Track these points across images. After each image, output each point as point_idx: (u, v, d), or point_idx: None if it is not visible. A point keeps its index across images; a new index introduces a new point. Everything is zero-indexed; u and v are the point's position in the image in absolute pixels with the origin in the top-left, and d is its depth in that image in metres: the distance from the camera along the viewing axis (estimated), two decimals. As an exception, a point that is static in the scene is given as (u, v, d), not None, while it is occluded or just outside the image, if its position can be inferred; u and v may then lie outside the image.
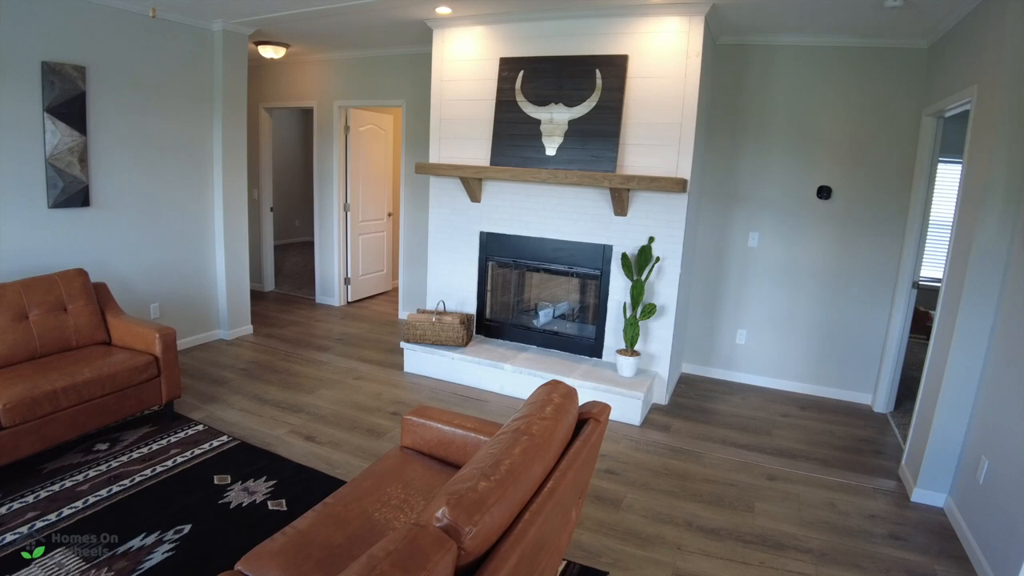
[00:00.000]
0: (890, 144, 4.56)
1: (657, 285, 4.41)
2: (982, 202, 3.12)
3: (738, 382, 5.20)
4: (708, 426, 4.29)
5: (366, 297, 7.35)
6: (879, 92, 4.54)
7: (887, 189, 4.61)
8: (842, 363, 4.94)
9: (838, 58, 4.59)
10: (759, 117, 4.82)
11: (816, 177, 4.76)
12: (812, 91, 4.68)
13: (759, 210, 4.92)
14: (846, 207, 4.72)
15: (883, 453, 4.08)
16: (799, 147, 4.76)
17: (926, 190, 4.44)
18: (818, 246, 4.83)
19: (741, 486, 3.51)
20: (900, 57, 4.47)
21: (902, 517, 3.31)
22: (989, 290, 3.16)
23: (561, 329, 4.96)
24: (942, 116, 4.19)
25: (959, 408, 3.30)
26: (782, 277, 4.96)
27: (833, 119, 4.66)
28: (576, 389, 2.26)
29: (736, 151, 4.92)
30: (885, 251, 4.69)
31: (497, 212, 4.82)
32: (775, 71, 4.74)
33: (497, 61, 4.64)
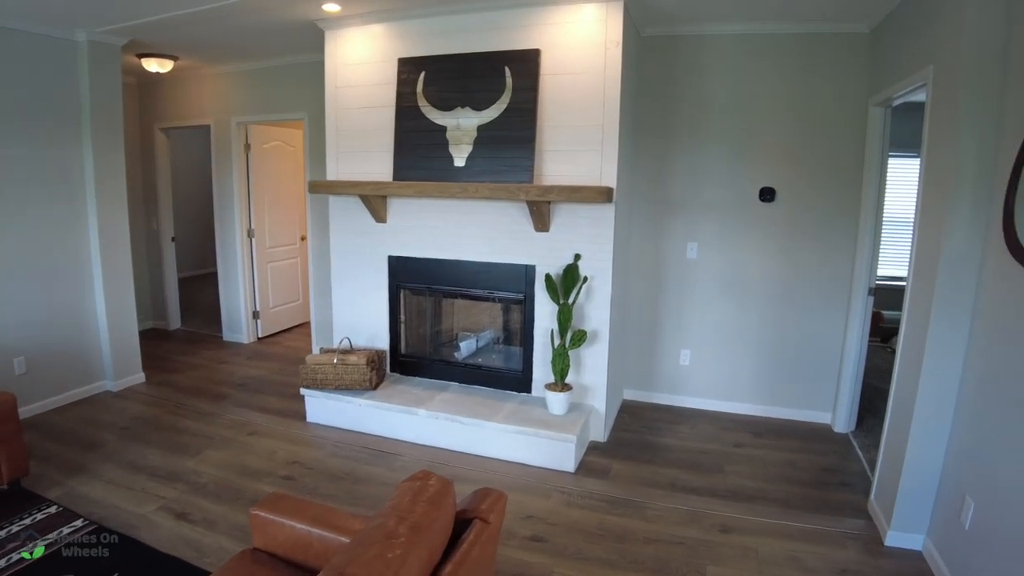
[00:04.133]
0: (836, 138, 4.16)
1: (587, 308, 3.89)
2: (948, 200, 2.70)
3: (685, 407, 4.71)
4: (653, 466, 3.76)
5: (280, 331, 6.65)
6: (821, 82, 4.14)
7: (835, 187, 4.21)
8: (797, 380, 4.50)
9: (775, 47, 4.17)
10: (692, 116, 4.37)
11: (757, 178, 4.32)
12: (749, 84, 4.25)
13: (697, 218, 4.46)
14: (792, 209, 4.31)
15: (849, 484, 3.61)
16: (737, 146, 4.32)
17: (878, 186, 4.05)
18: (763, 253, 4.40)
19: (690, 544, 2.98)
20: (841, 44, 4.07)
21: (878, 570, 2.83)
22: (962, 300, 2.73)
23: (485, 362, 4.39)
24: (890, 105, 3.81)
25: (934, 437, 2.86)
26: (726, 290, 4.50)
27: (773, 114, 4.24)
28: (451, 483, 1.69)
29: (669, 154, 4.45)
30: (837, 254, 4.27)
31: (406, 233, 4.23)
32: (707, 64, 4.29)
33: (396, 63, 4.08)
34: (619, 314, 4.24)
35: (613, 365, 4.11)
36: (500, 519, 1.80)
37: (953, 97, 2.72)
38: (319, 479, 3.55)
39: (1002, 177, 2.51)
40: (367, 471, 3.65)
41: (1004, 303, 2.50)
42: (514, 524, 3.08)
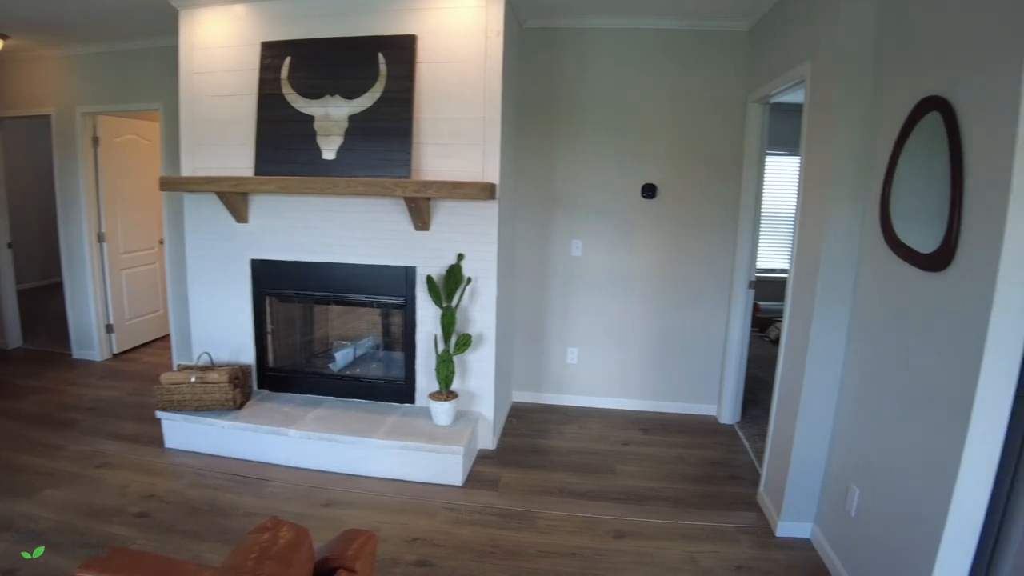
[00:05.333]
0: (716, 135, 4.19)
1: (472, 310, 3.68)
2: (828, 194, 2.72)
3: (574, 406, 4.63)
4: (544, 472, 3.61)
5: (138, 346, 6.00)
6: (702, 79, 4.15)
7: (716, 183, 4.24)
8: (683, 373, 4.52)
9: (657, 43, 4.13)
10: (576, 110, 4.26)
11: (640, 175, 4.29)
12: (631, 80, 4.19)
13: (582, 215, 4.37)
14: (674, 205, 4.30)
15: (738, 477, 3.63)
16: (621, 143, 4.26)
17: (756, 182, 4.12)
18: (647, 250, 4.38)
19: (586, 555, 2.84)
20: (722, 41, 4.10)
21: (771, 562, 2.83)
22: (842, 292, 2.76)
23: (364, 373, 4.08)
24: (768, 102, 3.86)
25: (819, 427, 2.89)
26: (612, 286, 4.45)
27: (655, 110, 4.21)
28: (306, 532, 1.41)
29: (553, 150, 4.32)
30: (718, 249, 4.32)
31: (271, 234, 3.85)
32: (590, 58, 4.20)
33: (259, 47, 3.69)
34: (506, 315, 4.08)
35: (501, 369, 3.94)
36: (370, 565, 1.54)
37: (830, 93, 2.75)
38: (177, 514, 3.13)
39: (879, 171, 2.53)
40: (232, 501, 3.25)
41: (882, 293, 2.52)
42: (398, 549, 2.84)
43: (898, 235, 2.36)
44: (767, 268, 6.64)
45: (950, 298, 2.07)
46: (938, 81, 2.19)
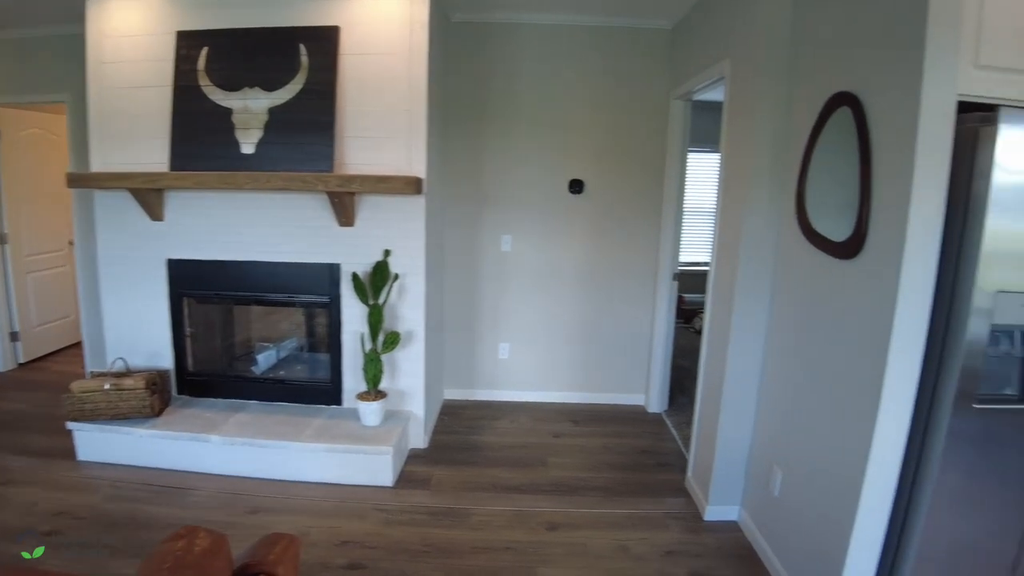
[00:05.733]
0: (641, 131, 4.28)
1: (400, 308, 3.62)
2: (747, 188, 2.81)
3: (507, 401, 4.63)
4: (476, 469, 3.60)
5: (48, 354, 5.66)
6: (627, 76, 4.22)
7: (641, 178, 4.34)
8: (612, 365, 4.61)
9: (584, 39, 4.18)
10: (504, 105, 4.26)
11: (568, 170, 4.33)
12: (559, 75, 4.22)
13: (511, 210, 4.38)
14: (600, 200, 4.38)
15: (666, 464, 3.72)
16: (549, 138, 4.29)
17: (679, 177, 4.24)
18: (575, 244, 4.43)
19: (519, 548, 2.85)
20: (646, 38, 4.18)
21: (700, 546, 2.91)
22: (761, 281, 2.85)
23: (289, 375, 3.95)
24: (690, 99, 3.95)
25: (743, 412, 2.99)
26: (541, 281, 4.48)
27: (582, 106, 4.25)
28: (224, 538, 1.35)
29: (482, 144, 4.31)
30: (643, 243, 4.43)
31: (189, 232, 3.68)
32: (518, 53, 4.20)
33: (174, 36, 3.52)
34: (435, 312, 4.05)
35: (431, 367, 3.90)
36: (294, 569, 1.47)
37: (748, 90, 2.83)
38: (92, 529, 2.95)
39: (795, 165, 2.62)
40: (152, 513, 3.10)
41: (799, 282, 2.62)
42: (329, 553, 2.77)
43: (813, 225, 2.44)
44: (691, 261, 6.85)
45: (861, 284, 2.16)
46: (848, 77, 2.28)
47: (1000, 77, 2.01)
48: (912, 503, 2.13)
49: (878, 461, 2.07)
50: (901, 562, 2.17)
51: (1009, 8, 1.94)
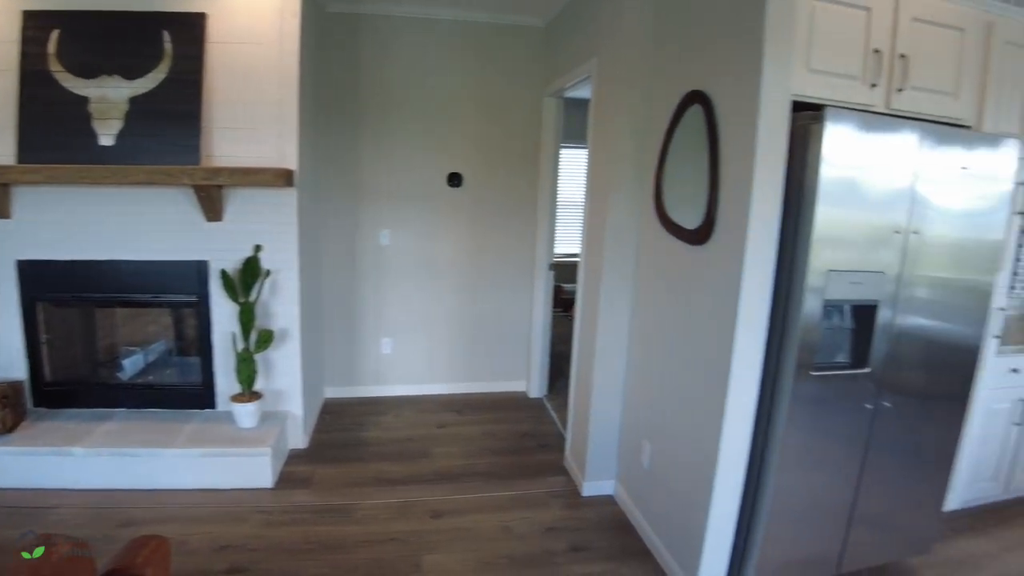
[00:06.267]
0: (516, 126, 4.42)
1: (273, 305, 3.52)
2: (612, 179, 2.98)
3: (391, 396, 4.63)
4: (359, 464, 3.58)
5: None
6: (503, 72, 4.33)
7: (517, 172, 4.48)
8: (493, 354, 4.73)
9: (460, 34, 4.24)
10: (381, 98, 4.23)
11: (446, 164, 4.39)
12: (436, 70, 4.25)
13: (389, 203, 4.37)
14: (478, 194, 4.47)
15: (547, 445, 3.88)
16: (426, 131, 4.32)
17: (553, 172, 4.41)
18: (455, 237, 4.50)
19: (405, 538, 2.87)
20: (521, 36, 4.31)
21: (579, 520, 3.07)
22: (625, 265, 3.05)
23: (158, 379, 3.74)
24: (562, 95, 4.12)
25: (613, 390, 3.18)
26: (421, 274, 4.51)
27: (459, 100, 4.32)
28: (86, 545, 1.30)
29: (358, 137, 4.26)
30: (520, 235, 4.58)
31: (42, 230, 3.38)
32: (395, 46, 4.18)
33: (19, 15, 3.24)
34: (312, 308, 3.98)
35: (309, 364, 3.83)
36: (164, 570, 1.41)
37: (612, 88, 2.98)
38: (-69, 560, 2.65)
39: (653, 158, 2.79)
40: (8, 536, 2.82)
41: (658, 267, 2.82)
42: (208, 560, 2.67)
43: (669, 214, 2.61)
44: (567, 253, 7.05)
45: (711, 267, 2.34)
46: (699, 77, 2.47)
47: (828, 80, 2.25)
48: (764, 463, 2.35)
49: (731, 427, 2.28)
50: (756, 517, 2.40)
51: (836, 20, 2.20)
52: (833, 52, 2.24)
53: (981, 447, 3.25)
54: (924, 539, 2.79)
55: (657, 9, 2.86)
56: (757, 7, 2.07)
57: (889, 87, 2.38)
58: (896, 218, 2.24)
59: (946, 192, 2.33)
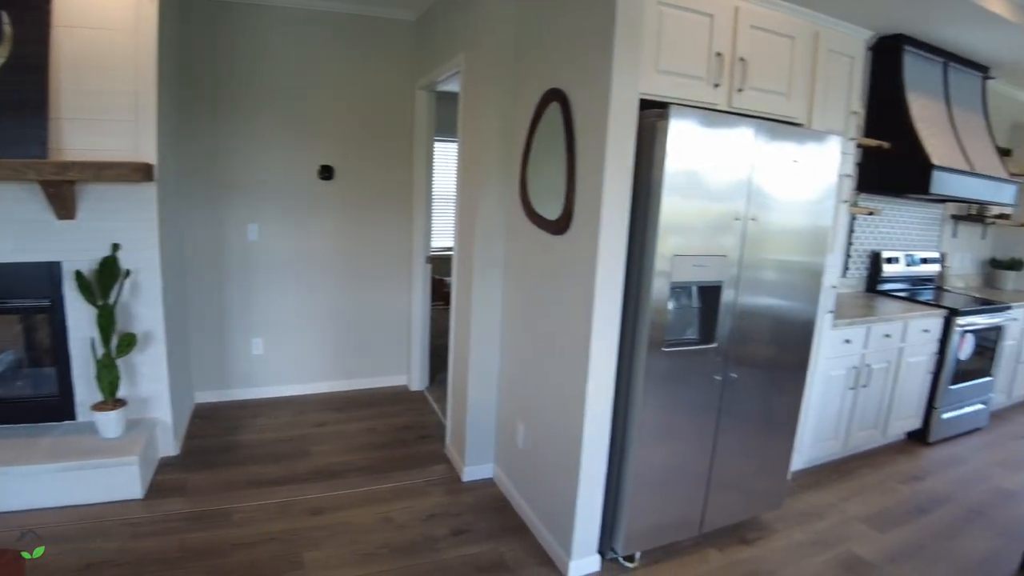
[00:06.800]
0: (389, 119, 4.41)
1: (135, 307, 3.35)
2: (481, 172, 3.07)
3: (265, 398, 4.50)
4: (235, 468, 3.48)
5: None
6: (375, 64, 4.32)
7: (389, 166, 4.47)
8: (372, 349, 4.71)
9: (331, 25, 4.17)
10: (250, 89, 4.08)
11: (317, 156, 4.31)
12: (307, 61, 4.17)
13: (258, 197, 4.23)
14: (351, 187, 4.42)
15: (428, 436, 3.94)
16: (297, 123, 4.22)
17: (427, 165, 4.44)
18: (328, 231, 4.44)
19: (283, 537, 2.84)
20: (392, 29, 4.31)
21: (459, 505, 3.15)
22: (495, 255, 3.17)
23: (8, 392, 3.44)
24: (434, 89, 4.17)
25: (488, 376, 3.29)
26: (294, 270, 4.41)
27: (332, 93, 4.26)
28: None
29: (225, 129, 4.08)
30: (396, 228, 4.58)
31: None
32: (265, 36, 4.05)
33: None
34: (178, 309, 3.82)
35: (176, 368, 3.68)
36: None
37: (479, 83, 3.06)
38: None
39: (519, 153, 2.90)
40: None
41: (525, 256, 2.95)
42: None
43: (534, 206, 2.74)
44: (447, 246, 7.16)
45: (571, 255, 2.48)
46: (558, 76, 2.59)
47: (675, 80, 2.43)
48: (626, 436, 2.52)
49: (593, 403, 2.44)
50: (622, 486, 2.58)
51: (682, 25, 2.40)
52: (679, 55, 2.43)
53: (821, 410, 3.63)
54: (775, 495, 3.10)
55: (519, 9, 2.97)
56: (608, 12, 2.21)
57: (730, 87, 2.60)
58: (735, 206, 2.47)
59: (780, 183, 2.58)
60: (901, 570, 2.84)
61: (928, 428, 4.35)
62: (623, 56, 2.22)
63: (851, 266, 4.74)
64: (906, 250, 4.99)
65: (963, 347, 4.31)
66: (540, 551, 2.78)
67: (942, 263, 5.33)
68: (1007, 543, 3.13)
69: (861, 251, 4.78)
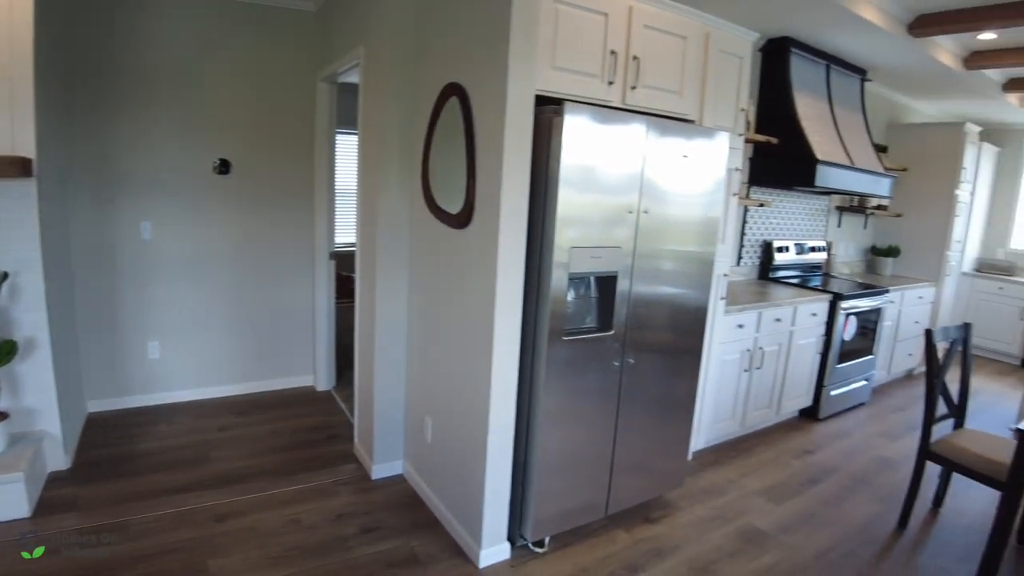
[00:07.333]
0: (290, 112, 4.31)
1: (15, 312, 3.12)
2: (382, 167, 3.05)
3: (163, 404, 4.29)
4: (132, 478, 3.32)
5: None
6: (276, 56, 4.20)
7: (290, 160, 4.37)
8: (276, 350, 4.59)
9: (228, 14, 4.02)
10: (142, 79, 3.86)
11: (214, 150, 4.15)
12: (203, 50, 3.99)
13: (150, 193, 4.01)
14: (250, 181, 4.28)
15: (336, 436, 3.89)
16: (192, 115, 4.04)
17: (328, 158, 4.37)
18: (227, 227, 4.27)
19: (187, 547, 2.73)
20: (292, 19, 4.21)
21: (369, 503, 3.13)
22: (400, 250, 3.16)
23: None
24: (335, 81, 4.11)
25: (395, 372, 3.28)
26: (192, 270, 4.22)
27: (226, 84, 4.10)
28: None
29: (114, 121, 3.85)
30: (298, 224, 4.49)
31: None
32: (158, 23, 3.84)
33: None
34: (64, 313, 3.60)
35: (65, 376, 3.47)
36: None
37: (379, 76, 3.05)
38: None
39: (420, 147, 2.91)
40: None
41: (428, 250, 2.96)
42: None
43: (437, 200, 2.75)
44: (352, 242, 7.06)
45: (473, 248, 2.52)
46: (457, 70, 2.61)
47: (571, 77, 2.50)
48: (530, 424, 2.58)
49: (498, 393, 2.48)
50: (529, 474, 2.63)
51: (577, 23, 2.47)
52: (575, 52, 2.50)
53: (718, 392, 3.82)
54: (678, 475, 3.24)
55: (419, 1, 2.96)
56: (504, 8, 2.24)
57: (625, 85, 2.70)
58: (629, 200, 2.57)
59: (671, 177, 2.70)
60: (794, 538, 3.05)
61: (818, 405, 4.66)
62: (519, 52, 2.26)
63: (744, 255, 5.00)
64: (796, 239, 5.31)
65: (847, 329, 4.63)
66: (451, 543, 2.81)
67: (828, 251, 5.70)
68: (887, 507, 3.41)
69: (754, 241, 5.05)
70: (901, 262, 6.27)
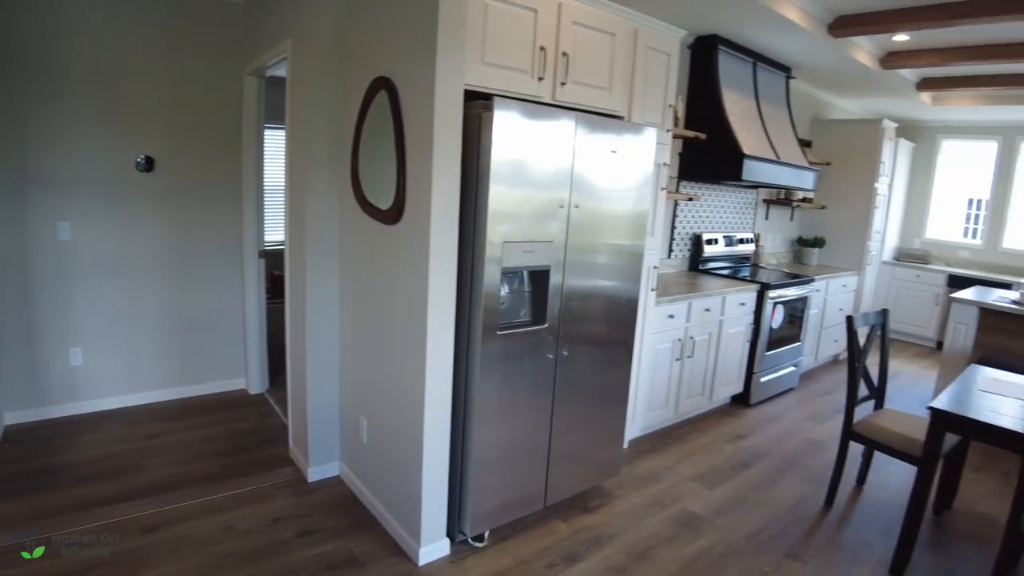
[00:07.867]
0: (216, 107, 4.18)
1: (-82, 321, 2.96)
2: (310, 164, 2.99)
3: (88, 412, 4.10)
4: (54, 492, 3.16)
5: None
6: (201, 49, 4.06)
7: (217, 156, 4.24)
8: (206, 353, 4.45)
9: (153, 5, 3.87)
10: (55, 73, 3.65)
11: (134, 146, 3.97)
12: (123, 42, 3.81)
13: (67, 192, 3.81)
14: (174, 179, 4.13)
15: (271, 439, 3.81)
16: (111, 110, 3.85)
17: (256, 154, 4.26)
18: (150, 227, 4.11)
19: (115, 561, 2.62)
20: (217, 10, 4.07)
21: (306, 506, 3.08)
22: (329, 248, 3.13)
23: None
24: (263, 75, 4.01)
25: (328, 373, 3.24)
26: (115, 272, 4.04)
27: (151, 77, 3.94)
28: None
29: (25, 117, 3.63)
30: (226, 222, 4.35)
31: None
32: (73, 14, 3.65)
33: None
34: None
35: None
36: None
37: (306, 70, 2.98)
38: None
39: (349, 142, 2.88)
40: None
41: (359, 247, 2.93)
42: None
43: (366, 196, 2.73)
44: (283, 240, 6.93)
45: (404, 244, 2.51)
46: (386, 64, 2.59)
47: (501, 72, 2.51)
48: (466, 419, 2.59)
49: (433, 389, 2.48)
50: (466, 470, 2.64)
51: (507, 19, 2.50)
52: (505, 47, 2.51)
53: (652, 381, 3.91)
54: (614, 464, 3.31)
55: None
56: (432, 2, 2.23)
57: (554, 80, 2.73)
58: (560, 194, 2.60)
59: (601, 172, 2.75)
60: (727, 520, 3.15)
61: (749, 391, 4.82)
62: (448, 46, 2.25)
63: (675, 248, 5.13)
64: (725, 232, 5.48)
65: (775, 317, 4.81)
66: (391, 542, 2.79)
67: (757, 243, 5.90)
68: (815, 487, 3.56)
69: (684, 234, 5.18)
70: (826, 252, 6.55)
